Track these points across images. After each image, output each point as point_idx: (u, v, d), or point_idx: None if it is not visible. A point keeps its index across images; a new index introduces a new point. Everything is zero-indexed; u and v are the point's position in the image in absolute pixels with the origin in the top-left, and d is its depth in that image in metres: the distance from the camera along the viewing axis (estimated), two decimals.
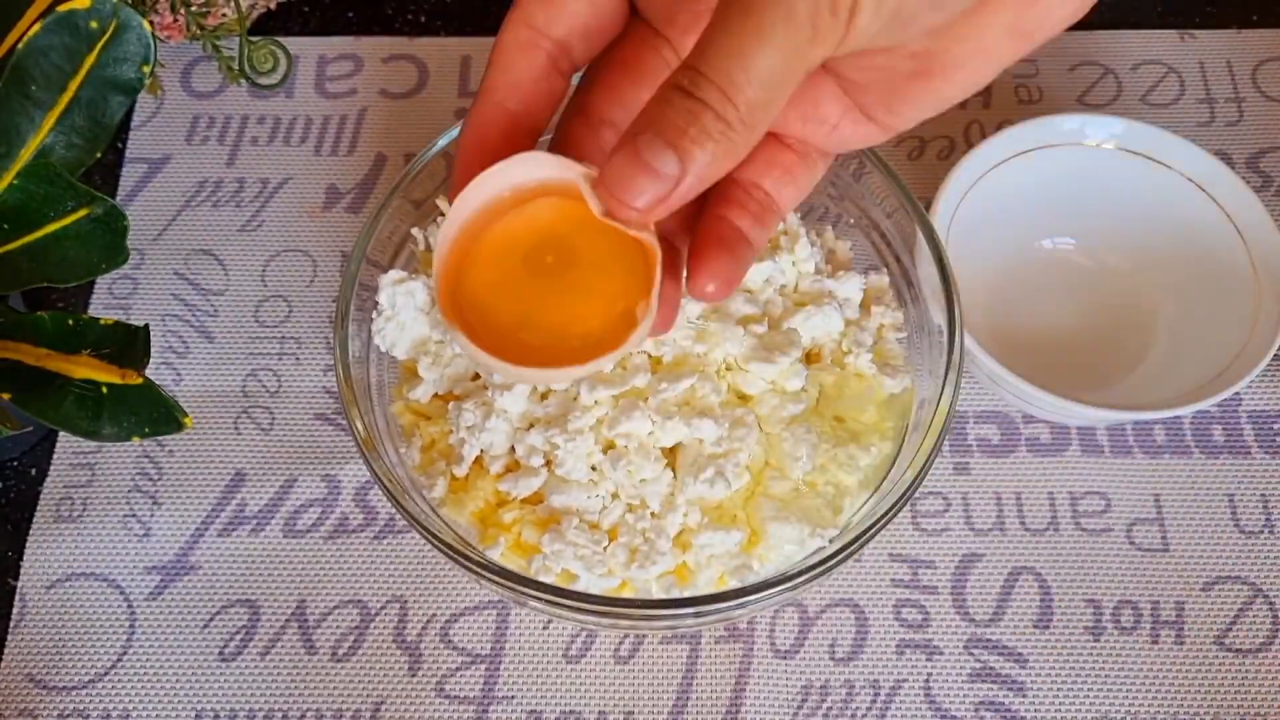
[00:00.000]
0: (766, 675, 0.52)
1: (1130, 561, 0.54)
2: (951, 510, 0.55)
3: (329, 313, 0.60)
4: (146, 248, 0.62)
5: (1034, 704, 0.51)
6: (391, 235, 0.53)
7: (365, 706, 0.51)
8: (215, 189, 0.64)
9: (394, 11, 0.70)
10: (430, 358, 0.50)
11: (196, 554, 0.54)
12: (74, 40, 0.43)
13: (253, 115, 0.66)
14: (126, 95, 0.45)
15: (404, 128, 0.66)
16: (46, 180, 0.43)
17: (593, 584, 0.46)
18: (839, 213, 0.56)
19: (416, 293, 0.51)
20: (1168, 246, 0.58)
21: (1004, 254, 0.59)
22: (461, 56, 0.68)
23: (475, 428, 0.48)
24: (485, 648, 0.52)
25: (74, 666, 0.52)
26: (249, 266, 0.62)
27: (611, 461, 0.46)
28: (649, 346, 0.49)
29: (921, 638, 0.52)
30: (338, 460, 0.56)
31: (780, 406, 0.48)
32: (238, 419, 0.58)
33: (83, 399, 0.42)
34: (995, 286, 0.59)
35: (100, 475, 0.56)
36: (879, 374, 0.50)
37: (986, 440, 0.57)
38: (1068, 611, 0.53)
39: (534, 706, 0.51)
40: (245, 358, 0.59)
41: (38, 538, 0.54)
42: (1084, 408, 0.51)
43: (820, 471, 0.48)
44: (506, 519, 0.47)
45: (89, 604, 0.53)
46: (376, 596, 0.53)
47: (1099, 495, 0.55)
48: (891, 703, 0.51)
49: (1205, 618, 0.53)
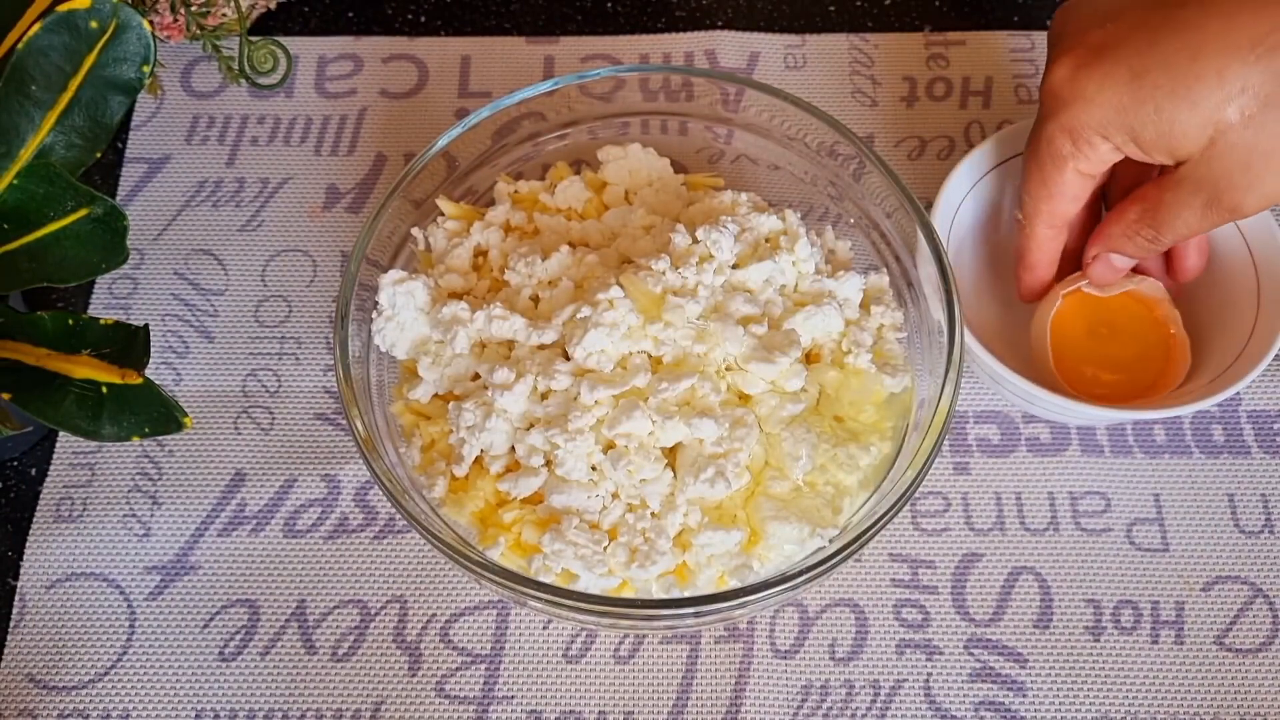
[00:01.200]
0: (766, 675, 0.52)
1: (1130, 561, 0.54)
2: (951, 510, 0.55)
3: (329, 313, 0.60)
4: (146, 248, 0.62)
5: (1034, 704, 0.51)
6: (391, 235, 0.53)
7: (365, 706, 0.51)
8: (215, 189, 0.64)
9: (394, 11, 0.70)
10: (430, 358, 0.50)
11: (196, 554, 0.54)
12: (74, 40, 0.43)
13: (253, 115, 0.66)
14: (126, 95, 0.45)
15: (404, 128, 0.66)
16: (46, 180, 0.43)
17: (593, 584, 0.46)
18: (839, 213, 0.56)
19: (416, 293, 0.51)
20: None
21: (1004, 254, 0.59)
22: (461, 56, 0.68)
23: (475, 428, 0.48)
24: (485, 648, 0.52)
25: (74, 666, 0.52)
26: (249, 266, 0.62)
27: (612, 461, 0.46)
28: (649, 346, 0.49)
29: (921, 638, 0.52)
30: (338, 460, 0.56)
31: (780, 406, 0.48)
32: (238, 419, 0.58)
33: (83, 399, 0.42)
34: (995, 286, 0.59)
35: (100, 475, 0.56)
36: (879, 374, 0.50)
37: (986, 440, 0.57)
38: (1068, 611, 0.53)
39: (534, 706, 0.51)
40: (245, 358, 0.59)
41: (38, 538, 0.55)
42: (1084, 407, 0.51)
43: (820, 471, 0.48)
44: (506, 519, 0.47)
45: (89, 604, 0.53)
46: (376, 596, 0.53)
47: (1099, 495, 0.55)
48: (891, 703, 0.51)
49: (1205, 618, 0.53)
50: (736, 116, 0.56)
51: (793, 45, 0.68)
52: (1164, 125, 0.44)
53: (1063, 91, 0.46)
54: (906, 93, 0.67)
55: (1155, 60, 0.44)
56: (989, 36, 0.68)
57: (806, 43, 0.68)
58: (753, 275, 0.50)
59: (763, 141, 0.56)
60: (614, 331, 0.47)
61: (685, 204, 0.55)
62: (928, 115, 0.66)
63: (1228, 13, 0.43)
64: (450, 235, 0.54)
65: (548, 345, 0.49)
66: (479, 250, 0.54)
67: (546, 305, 0.51)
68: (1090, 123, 0.46)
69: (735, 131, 0.57)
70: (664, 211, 0.55)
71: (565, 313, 0.49)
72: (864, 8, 0.70)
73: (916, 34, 0.69)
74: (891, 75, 0.67)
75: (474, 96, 0.67)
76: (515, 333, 0.49)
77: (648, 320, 0.48)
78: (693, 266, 0.49)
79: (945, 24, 0.69)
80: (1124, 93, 0.45)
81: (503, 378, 0.48)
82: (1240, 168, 0.44)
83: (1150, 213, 0.48)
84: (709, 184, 0.57)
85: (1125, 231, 0.50)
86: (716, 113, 0.56)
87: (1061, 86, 0.46)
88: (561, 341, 0.49)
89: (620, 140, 0.57)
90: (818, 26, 0.69)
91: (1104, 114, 0.45)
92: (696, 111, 0.56)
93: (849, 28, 0.69)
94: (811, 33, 0.69)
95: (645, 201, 0.55)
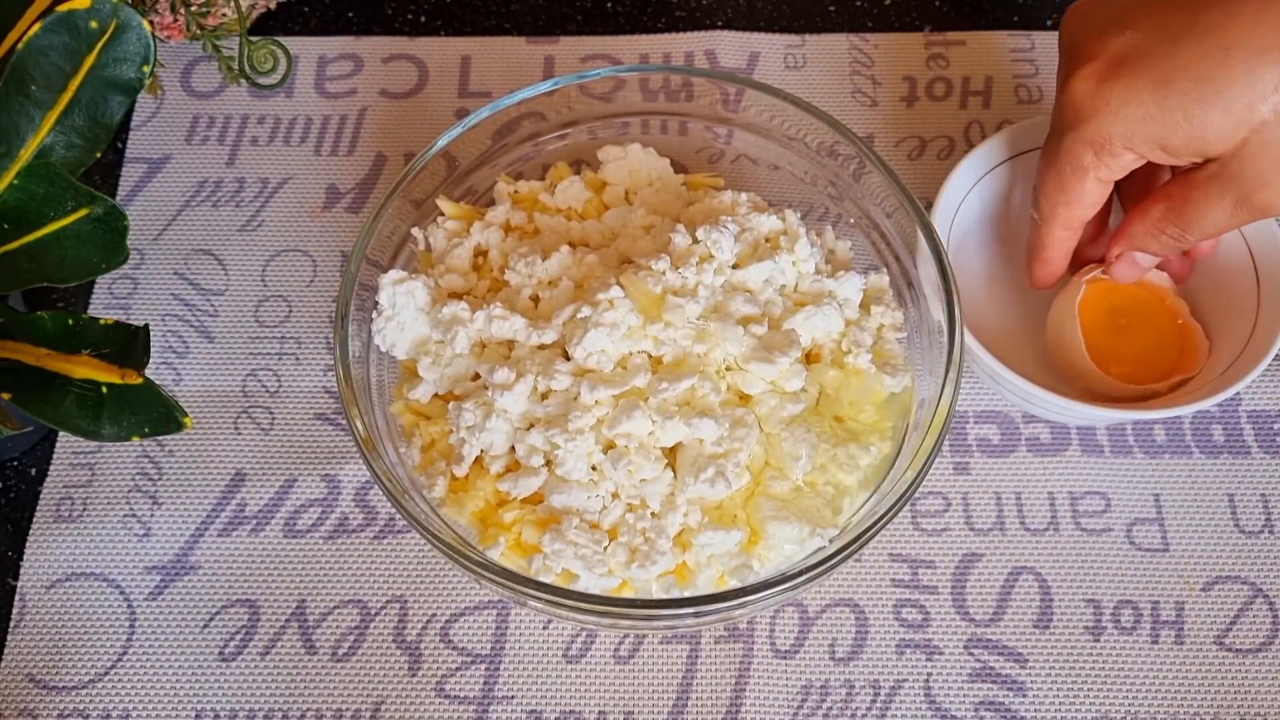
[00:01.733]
0: (766, 675, 0.52)
1: (1130, 561, 0.54)
2: (951, 510, 0.55)
3: (329, 313, 0.60)
4: (146, 248, 0.62)
5: (1034, 704, 0.51)
6: (391, 235, 0.53)
7: (365, 706, 0.51)
8: (215, 189, 0.64)
9: (394, 11, 0.70)
10: (430, 358, 0.50)
11: (196, 554, 0.54)
12: (74, 40, 0.43)
13: (253, 115, 0.66)
14: (126, 95, 0.45)
15: (404, 128, 0.66)
16: (46, 180, 0.43)
17: (593, 584, 0.46)
18: (839, 213, 0.56)
19: (416, 293, 0.51)
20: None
21: (1004, 254, 0.59)
22: (461, 56, 0.68)
23: (475, 428, 0.48)
24: (485, 648, 0.52)
25: (74, 666, 0.52)
26: (249, 266, 0.62)
27: (612, 461, 0.46)
28: (649, 346, 0.49)
29: (921, 638, 0.52)
30: (338, 460, 0.56)
31: (780, 406, 0.48)
32: (238, 419, 0.58)
33: (83, 399, 0.42)
34: (995, 286, 0.59)
35: (100, 475, 0.56)
36: (879, 374, 0.50)
37: (986, 440, 0.57)
38: (1068, 611, 0.53)
39: (534, 706, 0.51)
40: (245, 358, 0.59)
41: (38, 538, 0.55)
42: (1084, 407, 0.51)
43: (820, 471, 0.48)
44: (506, 519, 0.47)
45: (89, 604, 0.53)
46: (376, 596, 0.53)
47: (1099, 495, 0.55)
48: (891, 703, 0.51)
49: (1205, 618, 0.53)
50: (736, 116, 0.56)
51: (793, 45, 0.68)
52: (1194, 130, 0.44)
53: (1085, 104, 0.46)
54: (906, 93, 0.67)
55: (1180, 66, 0.44)
56: (989, 36, 0.68)
57: (806, 43, 0.68)
58: (753, 275, 0.50)
59: (763, 141, 0.56)
60: (614, 331, 0.47)
61: (685, 204, 0.55)
62: (928, 115, 0.66)
63: (1255, 13, 0.43)
64: (450, 235, 0.54)
65: (548, 345, 0.49)
66: (479, 250, 0.54)
67: (546, 305, 0.51)
68: (1115, 135, 0.46)
69: (735, 131, 0.57)
70: (664, 211, 0.55)
71: (565, 313, 0.49)
72: (864, 8, 0.70)
73: (916, 34, 0.69)
74: (891, 75, 0.67)
75: (474, 96, 0.67)
76: (515, 333, 0.49)
77: (648, 320, 0.48)
78: (693, 266, 0.49)
79: (945, 24, 0.69)
80: (1150, 103, 0.45)
81: (503, 378, 0.48)
82: (1274, 166, 0.44)
83: (1176, 211, 0.48)
84: (709, 184, 0.57)
85: (1149, 230, 0.50)
86: (716, 113, 0.56)
87: (1084, 99, 0.46)
88: (561, 341, 0.49)
89: (620, 140, 0.57)
90: (818, 26, 0.69)
91: (1129, 126, 0.45)
92: (696, 111, 0.56)
93: (849, 28, 0.69)
94: (811, 33, 0.69)
95: (645, 201, 0.55)
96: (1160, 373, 0.54)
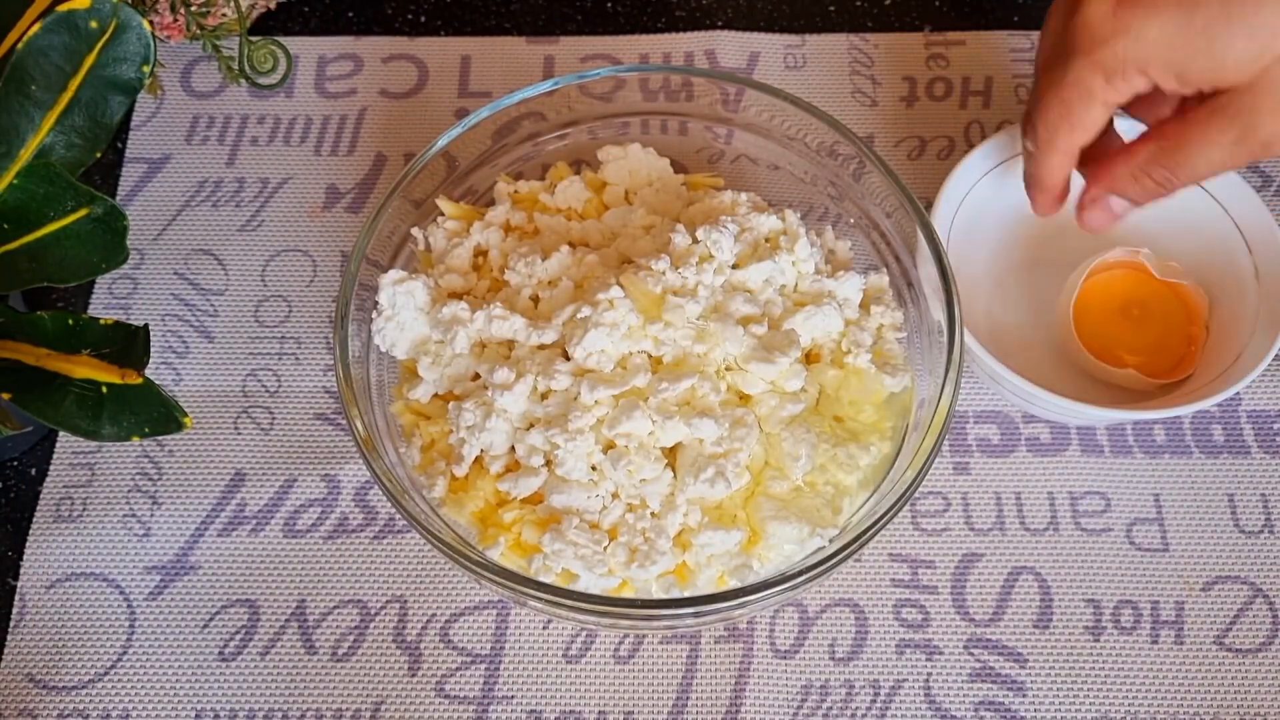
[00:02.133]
0: (766, 675, 0.52)
1: (1130, 561, 0.54)
2: (951, 510, 0.55)
3: (329, 313, 0.60)
4: (146, 248, 0.62)
5: (1034, 704, 0.51)
6: (391, 235, 0.53)
7: (365, 706, 0.51)
8: (215, 189, 0.64)
9: (394, 11, 0.70)
10: (430, 358, 0.50)
11: (196, 554, 0.54)
12: (74, 40, 0.43)
13: (253, 115, 0.66)
14: (126, 95, 0.45)
15: (404, 128, 0.66)
16: (46, 180, 0.43)
17: (593, 584, 0.46)
18: (839, 213, 0.56)
19: (416, 293, 0.51)
20: (1169, 245, 0.58)
21: (1004, 254, 0.59)
22: (461, 56, 0.68)
23: (475, 428, 0.48)
24: (485, 648, 0.52)
25: (74, 666, 0.52)
26: (249, 266, 0.62)
27: (612, 461, 0.46)
28: (649, 346, 0.49)
29: (921, 638, 0.52)
30: (338, 460, 0.56)
31: (780, 406, 0.48)
32: (238, 419, 0.58)
33: (83, 399, 0.42)
34: (995, 286, 0.59)
35: (100, 475, 0.56)
36: (879, 374, 0.50)
37: (986, 440, 0.57)
38: (1068, 611, 0.53)
39: (534, 706, 0.51)
40: (245, 358, 0.59)
41: (38, 538, 0.55)
42: (1084, 407, 0.51)
43: (820, 471, 0.48)
44: (506, 519, 0.47)
45: (89, 604, 0.53)
46: (376, 596, 0.53)
47: (1099, 495, 0.55)
48: (891, 703, 0.51)
49: (1205, 618, 0.53)
50: (736, 116, 0.56)
51: (793, 45, 0.68)
52: (1217, 56, 0.43)
53: (1102, 27, 0.45)
54: (906, 93, 0.67)
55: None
56: (989, 36, 0.68)
57: (806, 43, 0.68)
58: (753, 275, 0.50)
59: (763, 141, 0.56)
60: (614, 331, 0.47)
61: (685, 204, 0.55)
62: (928, 115, 0.66)
63: None
64: (450, 235, 0.54)
65: (548, 345, 0.49)
66: (479, 250, 0.54)
67: (546, 305, 0.51)
68: (1132, 58, 0.44)
69: (735, 131, 0.57)
70: (664, 211, 0.55)
71: (565, 313, 0.49)
72: (864, 8, 0.70)
73: (916, 34, 0.69)
74: (891, 75, 0.67)
75: (474, 96, 0.67)
76: (515, 333, 0.49)
77: (648, 320, 0.48)
78: (693, 266, 0.49)
79: (945, 24, 0.69)
80: (1172, 26, 0.43)
81: (503, 378, 0.48)
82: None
83: (1169, 151, 0.47)
84: (709, 184, 0.57)
85: (1134, 173, 0.48)
86: (716, 113, 0.56)
87: (1101, 22, 0.45)
88: (561, 341, 0.49)
89: (620, 140, 0.57)
90: (818, 26, 0.69)
91: (1149, 49, 0.44)
92: (696, 111, 0.56)
93: (849, 28, 0.69)
94: (811, 33, 0.69)
95: (645, 201, 0.55)
96: (1163, 369, 0.55)
